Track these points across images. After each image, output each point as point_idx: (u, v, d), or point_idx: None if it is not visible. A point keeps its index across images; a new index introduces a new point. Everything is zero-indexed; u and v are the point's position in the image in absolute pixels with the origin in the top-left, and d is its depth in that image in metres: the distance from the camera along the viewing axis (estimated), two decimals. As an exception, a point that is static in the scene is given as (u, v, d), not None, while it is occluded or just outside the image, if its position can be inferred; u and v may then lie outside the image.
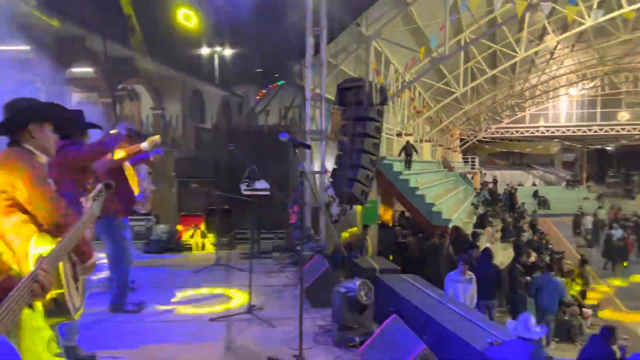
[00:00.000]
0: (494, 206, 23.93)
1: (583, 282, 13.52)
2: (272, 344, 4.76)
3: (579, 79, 35.45)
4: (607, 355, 6.17)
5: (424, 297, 7.03)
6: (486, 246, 12.47)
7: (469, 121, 38.08)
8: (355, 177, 8.55)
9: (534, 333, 4.83)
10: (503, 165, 51.45)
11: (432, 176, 20.20)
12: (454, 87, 22.13)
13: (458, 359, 5.36)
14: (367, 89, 8.69)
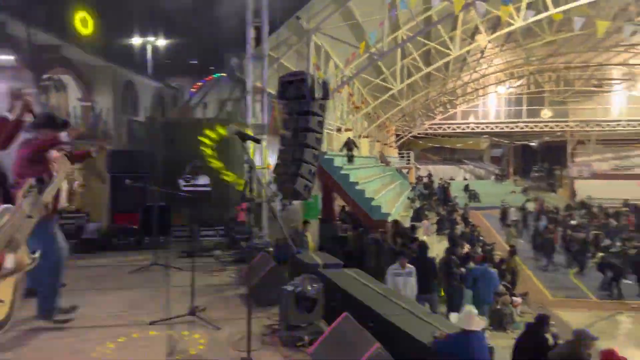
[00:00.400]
0: (429, 200, 24.63)
1: (512, 272, 14.14)
2: (218, 347, 4.58)
3: (507, 77, 37.17)
4: (541, 343, 6.46)
5: (368, 292, 7.04)
6: (421, 239, 12.78)
7: (404, 117, 38.96)
8: (299, 172, 8.44)
9: (477, 324, 4.94)
10: (436, 160, 53.16)
11: (371, 171, 20.48)
12: (391, 83, 22.52)
13: (404, 353, 5.40)
14: (309, 83, 8.58)
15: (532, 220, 24.24)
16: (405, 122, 40.23)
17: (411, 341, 5.34)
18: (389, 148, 39.23)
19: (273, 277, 5.94)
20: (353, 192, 14.08)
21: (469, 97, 39.83)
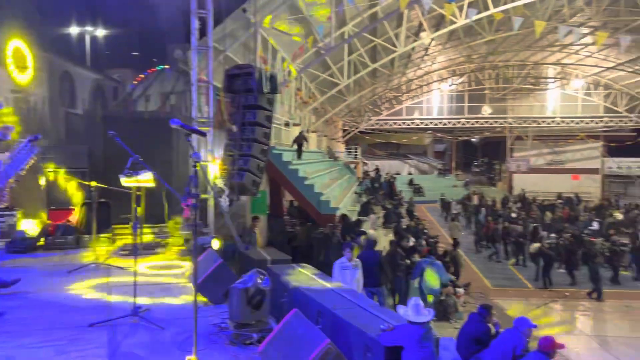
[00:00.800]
0: (375, 194, 24.98)
1: (455, 264, 14.55)
2: (162, 348, 4.43)
3: (450, 74, 38.19)
4: (484, 332, 6.66)
5: (316, 287, 7.04)
6: (369, 233, 12.93)
7: (351, 112, 39.29)
8: (246, 167, 8.32)
9: (424, 316, 5.02)
10: (382, 155, 54.03)
11: (319, 166, 20.52)
12: (338, 78, 22.61)
13: (353, 347, 5.43)
14: (257, 77, 8.46)
15: (473, 213, 25.07)
16: (353, 117, 40.60)
17: (359, 334, 5.38)
18: (337, 143, 39.47)
19: (220, 274, 5.82)
20: (302, 187, 14.04)
21: (414, 93, 40.66)
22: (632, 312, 12.62)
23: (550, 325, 11.67)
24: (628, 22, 21.93)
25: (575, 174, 42.39)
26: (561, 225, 21.30)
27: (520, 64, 35.49)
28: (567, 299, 13.73)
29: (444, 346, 7.07)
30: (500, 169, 47.65)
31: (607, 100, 39.00)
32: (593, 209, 27.45)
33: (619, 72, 33.92)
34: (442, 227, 25.50)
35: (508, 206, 27.71)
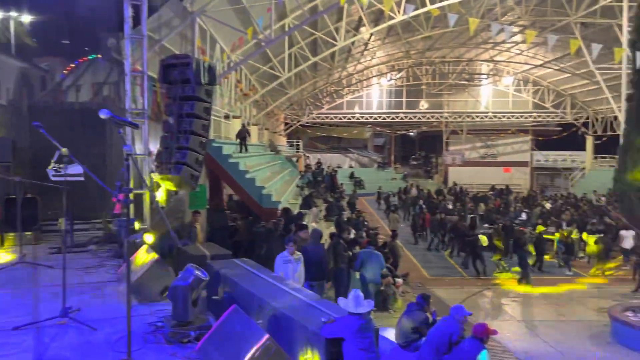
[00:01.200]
0: (317, 187, 25.09)
1: (394, 254, 14.86)
2: (94, 350, 4.22)
3: (389, 69, 38.90)
4: (422, 321, 6.84)
5: (257, 281, 6.96)
6: (314, 227, 12.98)
7: (292, 106, 39.23)
8: (184, 160, 8.08)
9: (364, 307, 5.08)
10: (324, 149, 54.32)
11: (260, 159, 20.34)
12: (278, 71, 22.47)
13: (295, 341, 5.41)
14: (194, 67, 8.22)
15: (411, 205, 25.71)
16: (294, 110, 40.56)
17: (301, 328, 5.37)
18: (278, 136, 39.30)
19: (156, 271, 5.62)
20: (243, 180, 13.85)
21: (354, 87, 41.13)
22: (557, 297, 13.38)
23: (483, 311, 12.17)
24: (554, 22, 23.14)
25: (506, 166, 44.43)
26: (494, 216, 22.23)
27: (456, 61, 36.71)
28: (501, 286, 14.36)
29: (383, 337, 7.20)
30: (437, 162, 49.18)
31: (535, 97, 41.07)
32: (522, 199, 28.80)
33: (546, 70, 35.79)
34: (381, 219, 26.03)
35: (443, 198, 28.60)
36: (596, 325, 11.11)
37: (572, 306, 12.62)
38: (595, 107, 37.55)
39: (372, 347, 4.91)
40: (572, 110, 40.25)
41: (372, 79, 40.24)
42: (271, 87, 24.26)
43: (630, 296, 13.26)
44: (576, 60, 29.04)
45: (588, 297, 13.29)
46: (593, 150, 39.95)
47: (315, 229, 11.69)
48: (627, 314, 10.44)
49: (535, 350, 9.78)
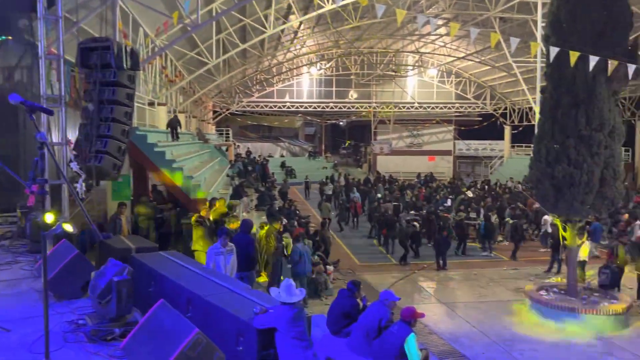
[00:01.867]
0: (248, 177, 24.81)
1: (325, 242, 15.03)
2: (9, 352, 3.93)
3: (318, 59, 39.01)
4: (353, 307, 6.96)
5: (186, 274, 6.78)
6: (245, 217, 12.83)
7: (221, 93, 38.43)
8: (105, 149, 7.67)
9: (295, 297, 5.08)
10: (254, 137, 53.76)
11: (188, 148, 19.77)
12: (206, 57, 21.89)
13: (227, 333, 5.32)
14: (115, 51, 7.80)
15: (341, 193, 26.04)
16: (223, 98, 39.76)
17: (232, 319, 5.29)
18: (207, 124, 38.40)
19: (76, 266, 5.32)
20: (169, 170, 13.39)
21: (284, 76, 40.92)
22: (479, 279, 14.10)
23: (410, 296, 12.60)
24: (475, 15, 24.13)
25: (431, 155, 46.12)
26: (420, 203, 23.00)
27: (383, 51, 37.41)
28: (425, 271, 14.91)
29: (315, 323, 7.26)
30: (366, 151, 50.13)
31: (458, 88, 42.80)
32: (446, 187, 29.98)
33: (468, 62, 37.34)
34: (312, 208, 26.20)
35: (373, 186, 29.22)
36: (514, 304, 11.83)
37: (492, 287, 13.34)
38: (513, 98, 39.72)
39: (304, 336, 4.93)
40: (492, 101, 42.36)
41: (303, 67, 40.21)
42: (198, 73, 23.59)
43: (543, 276, 14.23)
44: (496, 53, 30.50)
45: (506, 279, 14.11)
46: (510, 139, 42.32)
47: (245, 219, 11.55)
48: (541, 293, 11.20)
49: (459, 331, 10.27)
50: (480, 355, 9.04)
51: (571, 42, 10.06)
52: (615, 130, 10.34)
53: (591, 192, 10.33)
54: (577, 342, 9.60)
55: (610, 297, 10.82)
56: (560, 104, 10.50)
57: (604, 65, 9.69)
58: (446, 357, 8.98)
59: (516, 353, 9.14)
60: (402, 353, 5.69)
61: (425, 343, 9.46)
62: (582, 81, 10.15)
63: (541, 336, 9.96)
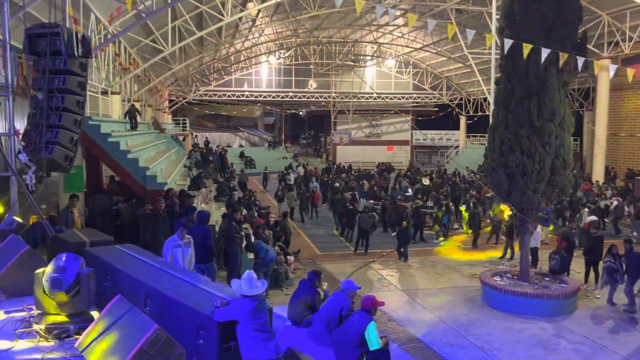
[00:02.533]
0: (206, 167, 24.41)
1: (285, 233, 15.01)
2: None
3: (277, 48, 38.68)
4: (314, 297, 6.99)
5: (143, 267, 6.64)
6: (200, 209, 12.62)
7: (178, 82, 37.60)
8: (56, 140, 7.37)
9: (257, 289, 5.05)
10: (212, 127, 52.98)
11: (144, 138, 19.25)
12: (162, 45, 21.34)
13: (187, 328, 5.24)
14: (65, 37, 7.48)
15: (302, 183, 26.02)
16: (180, 87, 38.92)
17: (192, 313, 5.21)
18: (163, 114, 37.53)
19: (26, 262, 5.10)
20: (124, 161, 13.01)
21: (243, 65, 40.39)
22: (435, 266, 14.43)
23: (370, 284, 12.77)
24: (432, 7, 24.46)
25: (389, 145, 46.71)
26: (378, 192, 23.26)
27: (342, 41, 37.47)
28: (384, 259, 15.14)
29: (277, 314, 7.26)
30: (325, 141, 50.24)
31: (415, 79, 43.39)
32: (404, 176, 30.37)
33: (425, 53, 37.87)
34: (272, 198, 26.11)
35: (335, 176, 29.35)
36: (470, 290, 12.18)
37: (448, 274, 13.68)
38: (468, 89, 40.63)
39: (266, 327, 4.92)
40: (448, 92, 43.20)
41: (261, 56, 39.78)
42: (153, 61, 22.99)
43: (498, 262, 14.71)
44: (452, 44, 31.09)
45: (462, 265, 14.50)
46: (466, 129, 43.34)
47: (201, 210, 11.39)
48: (495, 279, 11.57)
49: (417, 317, 10.49)
50: (438, 341, 9.27)
51: (524, 34, 10.34)
52: (565, 120, 10.72)
53: (543, 180, 10.70)
54: (529, 326, 9.98)
55: (560, 282, 11.29)
56: (514, 94, 10.79)
57: (555, 57, 10.01)
58: (405, 344, 9.16)
59: (472, 338, 9.42)
60: (363, 341, 5.77)
61: (385, 330, 9.63)
62: (535, 73, 10.46)
63: (495, 321, 10.30)
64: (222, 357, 4.91)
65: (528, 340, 9.34)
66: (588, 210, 16.99)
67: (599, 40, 24.34)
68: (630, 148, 28.07)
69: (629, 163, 27.61)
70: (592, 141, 27.11)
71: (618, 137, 28.38)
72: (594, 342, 9.29)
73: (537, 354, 8.80)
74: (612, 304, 11.04)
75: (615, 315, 10.64)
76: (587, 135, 30.64)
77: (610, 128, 26.56)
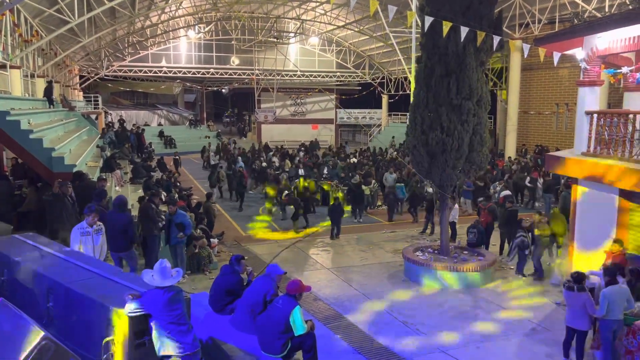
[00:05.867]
0: (121, 147, 23.08)
1: (208, 215, 14.50)
2: None
3: (196, 22, 37.09)
4: (237, 283, 6.71)
5: (46, 259, 6.06)
6: (118, 194, 11.86)
7: (88, 56, 35.15)
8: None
9: (171, 279, 4.71)
10: (128, 105, 50.36)
11: (49, 117, 17.79)
12: (67, 16, 19.69)
13: (92, 323, 4.81)
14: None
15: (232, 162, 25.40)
16: (91, 61, 36.40)
17: (100, 308, 4.78)
18: (73, 90, 35.01)
19: None
20: (26, 142, 11.87)
21: (160, 39, 38.44)
22: (360, 243, 14.58)
23: (296, 264, 12.66)
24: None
25: (314, 124, 46.72)
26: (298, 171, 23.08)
27: (264, 17, 36.59)
28: (312, 238, 15.09)
29: (197, 302, 6.92)
30: (250, 120, 49.33)
31: (339, 57, 43.44)
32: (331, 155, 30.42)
33: (347, 31, 37.91)
34: (195, 179, 25.27)
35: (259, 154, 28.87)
36: (393, 266, 12.40)
37: (372, 250, 13.86)
38: (390, 68, 41.28)
39: (183, 319, 4.61)
40: (370, 70, 43.68)
41: (179, 30, 38.01)
42: (59, 33, 21.21)
43: (419, 237, 15.11)
44: (374, 23, 31.26)
45: (385, 241, 14.74)
46: (388, 108, 44.18)
47: (118, 195, 10.68)
48: (417, 254, 11.83)
49: (343, 295, 10.51)
50: (363, 318, 9.33)
51: (444, 12, 10.42)
52: (482, 99, 11.00)
53: (461, 157, 10.98)
54: (450, 299, 10.31)
55: (478, 255, 11.74)
56: (434, 73, 10.91)
57: (473, 36, 10.18)
58: (331, 322, 9.14)
59: (396, 312, 9.58)
60: (288, 327, 5.59)
61: (311, 310, 9.56)
62: (454, 51, 10.61)
63: (418, 294, 10.55)
64: (135, 354, 4.56)
65: (449, 313, 9.63)
66: (502, 186, 17.81)
67: (511, 22, 25.44)
68: (539, 125, 29.87)
69: (538, 139, 29.39)
70: (505, 119, 28.52)
71: (528, 115, 30.07)
72: (509, 311, 9.76)
73: (458, 325, 9.09)
74: (522, 274, 11.65)
75: (526, 284, 11.24)
76: (500, 114, 32.18)
77: (521, 106, 28.04)
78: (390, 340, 8.42)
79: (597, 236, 9.70)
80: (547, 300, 10.27)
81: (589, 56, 10.27)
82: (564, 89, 27.60)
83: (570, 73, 26.34)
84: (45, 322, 4.99)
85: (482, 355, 8.00)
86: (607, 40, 9.87)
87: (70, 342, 4.60)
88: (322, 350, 6.10)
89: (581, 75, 10.63)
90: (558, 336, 8.13)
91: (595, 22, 11.67)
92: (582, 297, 7.21)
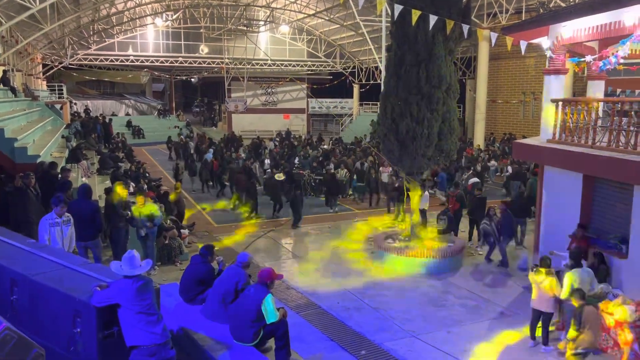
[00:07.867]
0: (87, 138, 22.54)
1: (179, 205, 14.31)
2: None
3: (164, 9, 36.27)
4: (207, 273, 6.64)
5: (9, 251, 5.89)
6: (83, 183, 11.59)
7: (52, 44, 34.04)
8: None
9: (139, 269, 4.64)
10: (94, 94, 49.14)
11: (11, 106, 17.21)
12: (28, 1, 18.99)
13: (59, 315, 4.71)
14: None
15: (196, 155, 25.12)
16: (55, 50, 35.27)
17: (67, 300, 4.68)
18: (36, 79, 33.91)
19: None
20: (-16, 132, 11.51)
21: (126, 27, 37.48)
22: (332, 232, 14.64)
23: (269, 253, 12.64)
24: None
25: (286, 113, 46.49)
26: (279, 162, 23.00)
27: (233, 5, 36.04)
28: (282, 227, 15.07)
29: (167, 292, 6.85)
30: (220, 109, 48.73)
31: (309, 46, 43.20)
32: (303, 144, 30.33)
33: (318, 20, 37.70)
34: (165, 170, 24.88)
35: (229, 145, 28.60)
36: (364, 253, 12.50)
37: (344, 238, 13.94)
38: (361, 57, 41.28)
39: (152, 309, 4.55)
40: (342, 60, 43.61)
41: (146, 18, 37.12)
42: (19, 19, 20.43)
43: (391, 225, 15.25)
44: (344, 12, 31.18)
45: (357, 230, 14.85)
46: (359, 98, 44.25)
47: (83, 183, 10.43)
48: (388, 241, 11.96)
49: (315, 283, 10.55)
50: (335, 305, 9.39)
51: (413, 1, 10.45)
52: (451, 87, 11.13)
53: (431, 145, 11.10)
54: (421, 285, 10.47)
55: (448, 241, 11.93)
56: (404, 62, 10.97)
57: (442, 25, 10.26)
58: (304, 310, 9.17)
59: (367, 299, 9.67)
60: (260, 316, 5.58)
61: (284, 299, 9.57)
62: (423, 40, 10.67)
63: (389, 281, 10.67)
64: (104, 345, 4.49)
65: (419, 298, 9.78)
66: (470, 173, 18.11)
67: (479, 11, 25.74)
68: (506, 114, 30.42)
69: (505, 128, 29.95)
70: (474, 108, 28.93)
71: (496, 104, 30.58)
72: (478, 296, 9.97)
73: (428, 310, 9.25)
74: (489, 260, 11.90)
75: (494, 270, 11.49)
76: (469, 102, 32.63)
77: (489, 95, 28.49)
78: (362, 327, 8.51)
79: (563, 221, 9.97)
80: (515, 285, 10.53)
81: (555, 45, 10.47)
82: (530, 78, 28.15)
83: (537, 62, 26.87)
84: (9, 315, 4.87)
85: (454, 339, 8.16)
86: (571, 29, 10.07)
87: (37, 336, 4.50)
88: (294, 337, 6.11)
89: (547, 63, 10.84)
90: (526, 319, 8.35)
91: (560, 11, 11.90)
92: (546, 282, 7.40)
